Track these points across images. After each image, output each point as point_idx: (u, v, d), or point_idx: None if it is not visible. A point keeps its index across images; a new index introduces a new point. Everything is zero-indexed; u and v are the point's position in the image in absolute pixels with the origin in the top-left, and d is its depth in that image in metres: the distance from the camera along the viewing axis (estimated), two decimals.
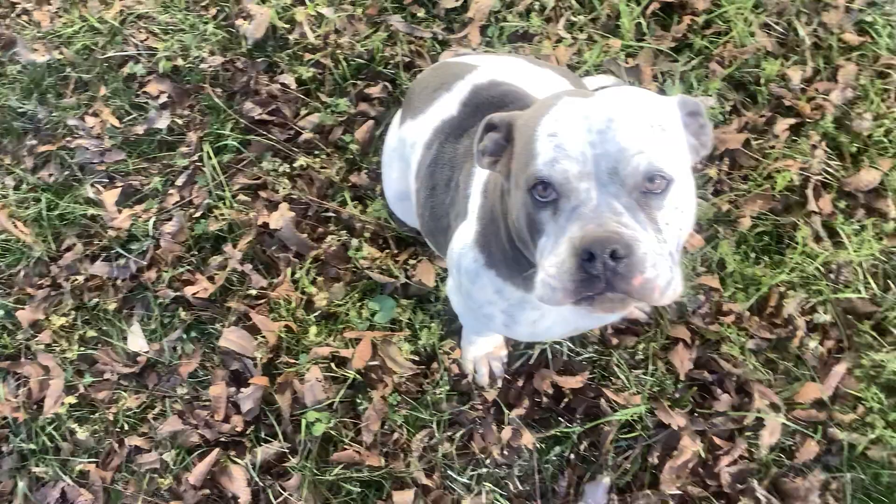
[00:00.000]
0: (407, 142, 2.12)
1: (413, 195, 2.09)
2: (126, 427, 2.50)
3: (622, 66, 2.77)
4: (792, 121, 2.66)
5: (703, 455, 2.27)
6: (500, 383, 2.42)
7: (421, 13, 2.99)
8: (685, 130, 1.43)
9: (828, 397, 2.32)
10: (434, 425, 2.39)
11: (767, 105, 2.71)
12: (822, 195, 2.54)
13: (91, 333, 2.63)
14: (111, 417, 2.51)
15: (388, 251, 2.61)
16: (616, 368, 2.40)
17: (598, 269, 1.22)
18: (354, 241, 2.61)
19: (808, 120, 2.66)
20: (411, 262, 2.60)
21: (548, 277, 1.30)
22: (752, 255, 2.50)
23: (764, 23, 2.85)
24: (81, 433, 2.48)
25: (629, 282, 1.24)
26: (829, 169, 2.59)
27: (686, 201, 1.36)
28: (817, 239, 2.50)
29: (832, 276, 2.46)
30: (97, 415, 2.53)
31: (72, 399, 2.53)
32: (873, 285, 2.45)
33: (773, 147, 2.62)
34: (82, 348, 2.61)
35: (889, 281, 2.47)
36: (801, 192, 2.56)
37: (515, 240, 1.54)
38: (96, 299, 2.67)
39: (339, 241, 2.62)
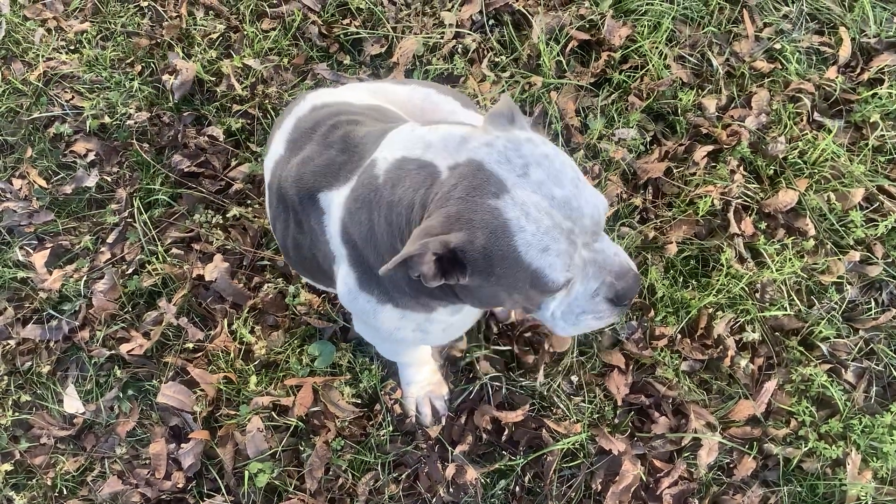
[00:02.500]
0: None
1: (272, 232, 2.07)
2: (65, 491, 2.46)
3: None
4: (710, 148, 2.75)
5: (644, 478, 2.31)
6: (443, 421, 2.43)
7: (347, 60, 3.03)
8: None
9: (761, 414, 2.38)
10: (379, 468, 2.39)
11: (686, 134, 2.81)
12: (743, 217, 2.62)
13: (25, 398, 2.58)
14: (49, 482, 2.46)
15: (325, 296, 2.62)
16: (555, 398, 2.43)
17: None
18: (291, 288, 2.61)
19: (725, 146, 2.75)
20: None
21: (592, 318, 1.55)
22: (680, 279, 2.57)
23: (678, 55, 2.95)
24: (19, 501, 2.43)
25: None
26: (748, 192, 2.68)
27: None
28: (741, 260, 2.58)
29: (758, 295, 2.53)
30: (35, 480, 2.47)
31: (8, 466, 2.48)
32: (798, 302, 2.53)
33: (693, 174, 2.70)
34: (16, 413, 2.56)
35: (813, 297, 2.56)
36: (723, 215, 2.64)
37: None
38: (29, 363, 2.62)
39: (275, 288, 2.62)
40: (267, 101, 2.93)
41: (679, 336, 2.49)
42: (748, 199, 2.67)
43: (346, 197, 1.64)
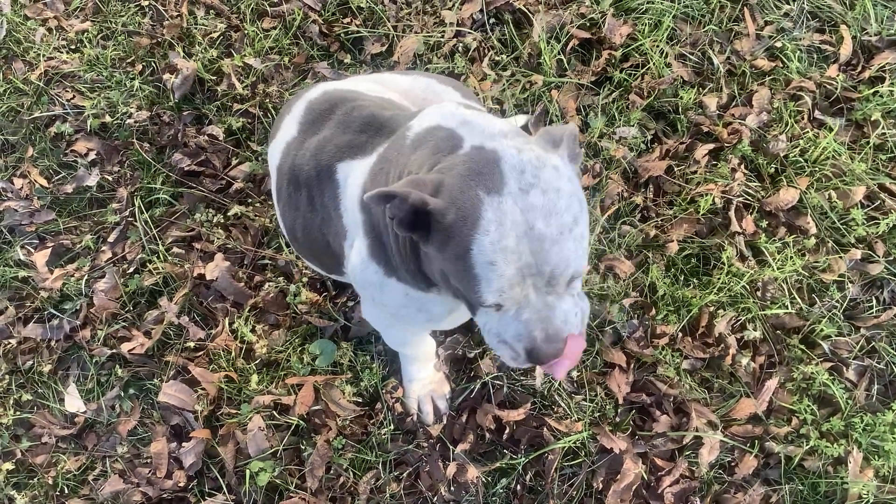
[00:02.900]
0: (270, 168, 2.17)
1: (280, 219, 2.11)
2: (66, 490, 2.45)
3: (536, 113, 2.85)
4: (711, 146, 2.75)
5: (645, 477, 2.31)
6: (444, 419, 2.43)
7: (347, 59, 3.03)
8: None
9: (762, 412, 2.38)
10: (380, 466, 2.39)
11: (687, 132, 2.80)
12: (744, 216, 2.62)
13: (26, 397, 2.58)
14: (51, 481, 2.46)
15: (326, 294, 2.62)
16: (557, 396, 2.42)
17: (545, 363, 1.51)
18: (292, 287, 2.61)
19: (726, 144, 2.75)
20: (350, 303, 2.61)
21: (508, 353, 1.54)
22: (682, 277, 2.57)
23: (679, 54, 2.95)
24: (20, 500, 2.43)
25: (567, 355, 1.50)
26: (749, 190, 2.67)
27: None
28: (742, 258, 2.57)
29: (759, 293, 2.53)
30: (36, 480, 2.47)
31: (9, 465, 2.48)
32: (799, 300, 2.52)
33: (694, 172, 2.70)
34: (18, 412, 2.56)
35: (814, 295, 2.55)
36: (724, 213, 2.64)
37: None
38: (30, 362, 2.62)
39: (276, 287, 2.62)
40: (268, 100, 2.93)
41: (680, 334, 2.48)
42: (749, 198, 2.67)
43: (370, 164, 1.69)
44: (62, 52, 3.17)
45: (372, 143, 1.75)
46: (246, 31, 3.09)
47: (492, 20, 3.06)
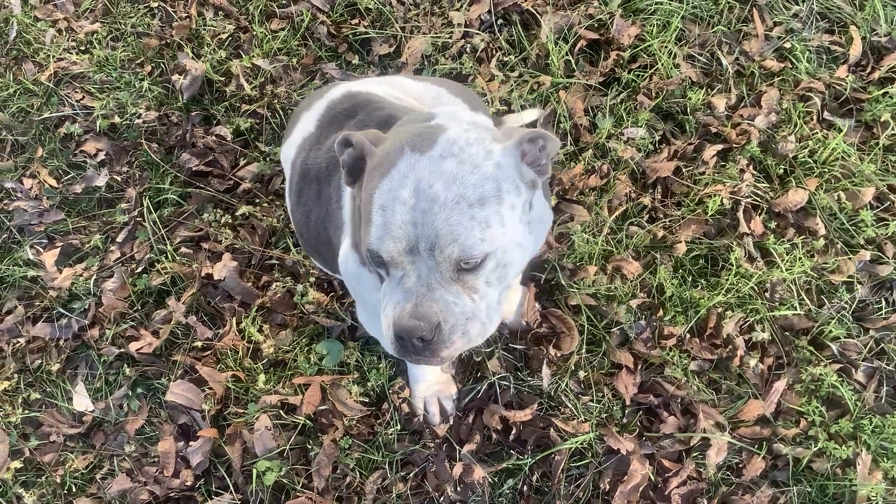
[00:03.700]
0: (283, 164, 2.21)
1: (290, 213, 2.14)
2: (74, 489, 2.46)
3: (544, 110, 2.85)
4: (719, 147, 2.74)
5: (652, 478, 2.30)
6: (451, 420, 2.43)
7: (355, 60, 3.04)
8: (521, 165, 1.53)
9: (771, 413, 2.37)
10: (387, 466, 2.38)
11: (695, 133, 2.80)
12: (752, 217, 2.61)
13: (35, 396, 2.59)
14: (59, 480, 2.46)
15: (333, 294, 2.62)
16: (564, 397, 2.42)
17: (409, 347, 1.48)
18: (300, 287, 2.61)
19: (734, 145, 2.74)
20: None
21: (384, 328, 1.53)
22: (690, 278, 2.56)
23: (687, 54, 2.94)
24: (28, 498, 2.43)
25: (438, 353, 1.48)
26: (757, 191, 2.66)
27: (510, 254, 1.49)
28: (751, 259, 2.56)
29: (767, 294, 2.52)
30: (44, 478, 2.48)
31: (17, 464, 2.49)
32: (808, 301, 2.51)
33: (703, 173, 2.69)
34: (26, 411, 2.57)
35: (823, 296, 2.54)
36: (733, 214, 2.63)
37: None
38: (39, 361, 2.63)
39: (284, 287, 2.63)
40: (276, 101, 2.93)
41: (688, 335, 2.47)
42: (758, 199, 2.66)
43: None
44: (72, 53, 3.19)
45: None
46: (254, 33, 3.10)
47: (500, 21, 3.06)
